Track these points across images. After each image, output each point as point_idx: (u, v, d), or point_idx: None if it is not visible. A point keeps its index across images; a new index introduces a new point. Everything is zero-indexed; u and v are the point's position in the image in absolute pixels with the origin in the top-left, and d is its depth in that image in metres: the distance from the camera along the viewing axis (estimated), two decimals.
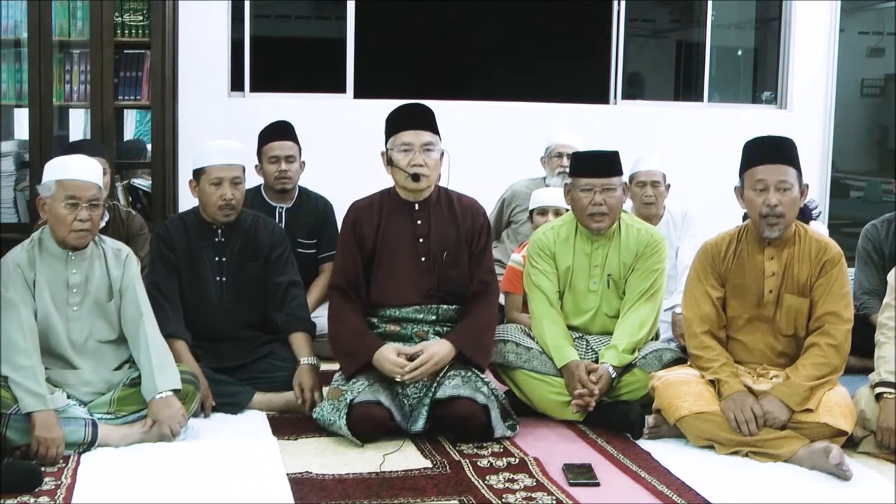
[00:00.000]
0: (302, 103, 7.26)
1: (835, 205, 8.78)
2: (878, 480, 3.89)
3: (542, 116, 7.57)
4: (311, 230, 5.69)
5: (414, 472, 3.88)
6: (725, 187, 4.47)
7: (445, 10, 8.24)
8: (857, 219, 7.82)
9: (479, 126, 7.55)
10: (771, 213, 4.20)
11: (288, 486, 3.68)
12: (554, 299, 4.65)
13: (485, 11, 8.28)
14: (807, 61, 8.34)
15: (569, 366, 4.44)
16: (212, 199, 4.67)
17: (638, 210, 5.75)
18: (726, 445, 4.09)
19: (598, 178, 4.58)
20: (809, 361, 4.18)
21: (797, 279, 4.28)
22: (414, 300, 4.41)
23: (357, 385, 4.22)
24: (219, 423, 4.40)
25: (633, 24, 8.37)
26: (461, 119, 7.32)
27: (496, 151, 7.42)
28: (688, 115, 8.22)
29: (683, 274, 4.88)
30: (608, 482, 3.83)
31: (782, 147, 4.29)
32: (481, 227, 4.51)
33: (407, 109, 4.44)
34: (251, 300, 4.77)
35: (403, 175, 4.35)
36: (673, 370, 4.39)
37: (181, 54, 6.85)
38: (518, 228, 6.30)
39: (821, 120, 8.38)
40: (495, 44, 8.39)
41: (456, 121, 6.92)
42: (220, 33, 7.27)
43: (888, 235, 5.62)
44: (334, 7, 7.71)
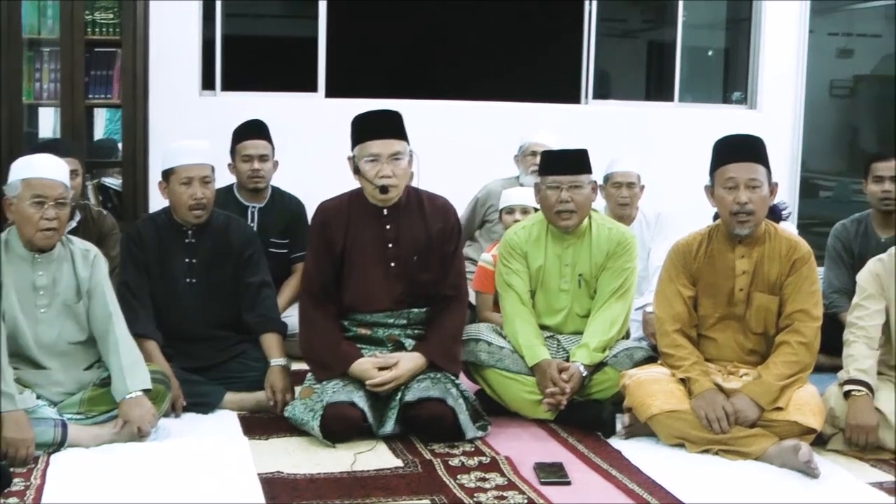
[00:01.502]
0: (273, 102, 7.24)
1: (804, 204, 8.83)
2: (846, 477, 3.92)
3: (514, 116, 7.58)
4: (284, 230, 5.68)
5: (385, 471, 3.88)
6: (696, 187, 4.49)
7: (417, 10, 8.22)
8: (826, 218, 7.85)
9: (452, 126, 7.55)
10: (741, 211, 4.22)
11: (259, 485, 3.67)
12: (526, 298, 4.66)
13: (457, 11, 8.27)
14: (776, 62, 8.39)
15: (540, 364, 4.45)
16: (182, 199, 4.65)
17: (613, 211, 5.76)
18: (697, 443, 4.11)
19: (565, 175, 4.59)
20: (781, 360, 4.20)
21: (767, 277, 4.31)
22: (384, 306, 4.41)
23: (331, 385, 4.21)
24: (190, 423, 4.38)
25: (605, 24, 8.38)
26: (433, 119, 7.33)
27: (469, 151, 7.42)
28: (659, 114, 8.25)
29: (655, 274, 4.90)
30: (579, 481, 3.84)
31: (752, 145, 4.32)
32: (452, 229, 4.50)
33: (373, 117, 4.37)
34: (222, 300, 4.76)
35: (371, 186, 4.32)
36: (644, 369, 4.41)
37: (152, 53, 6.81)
38: (492, 228, 6.30)
39: (790, 120, 8.42)
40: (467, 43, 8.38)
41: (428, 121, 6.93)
42: (191, 32, 7.25)
43: (857, 235, 5.66)
44: (306, 6, 7.69)
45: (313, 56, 7.60)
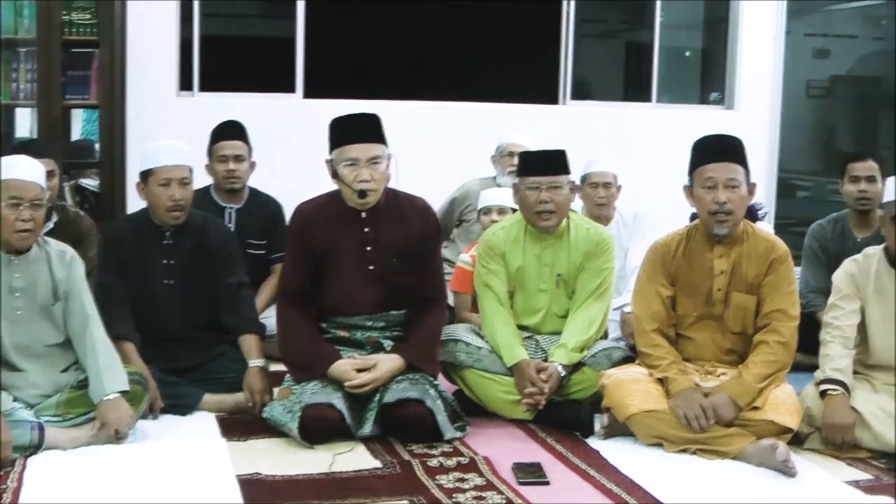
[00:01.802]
0: (251, 103, 7.23)
1: (781, 204, 8.86)
2: (822, 476, 3.94)
3: (492, 116, 7.58)
4: (262, 230, 5.67)
5: (364, 472, 3.88)
6: (673, 187, 4.50)
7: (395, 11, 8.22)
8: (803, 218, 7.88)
9: (430, 126, 7.55)
10: (720, 211, 4.24)
11: (237, 487, 3.66)
12: (504, 299, 4.67)
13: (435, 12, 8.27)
14: (754, 63, 8.43)
15: (519, 365, 4.46)
16: (160, 200, 4.64)
17: (590, 211, 5.77)
18: (675, 443, 4.13)
19: (544, 176, 4.60)
20: (760, 359, 4.22)
21: (745, 277, 4.33)
22: (363, 309, 4.40)
23: (309, 386, 4.21)
24: (168, 425, 4.37)
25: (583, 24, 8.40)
26: (412, 119, 7.32)
27: (447, 151, 7.42)
28: (636, 115, 8.26)
29: (633, 274, 4.91)
30: (558, 481, 3.85)
31: (731, 146, 4.35)
32: (430, 230, 4.51)
33: (351, 120, 4.35)
34: (201, 302, 4.74)
35: (349, 191, 4.31)
36: (622, 368, 4.42)
37: (130, 53, 6.80)
38: (469, 228, 6.30)
39: (767, 120, 8.46)
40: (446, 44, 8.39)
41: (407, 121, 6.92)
42: (168, 32, 7.22)
43: (834, 235, 5.69)
44: (284, 7, 7.67)
45: (291, 56, 7.59)
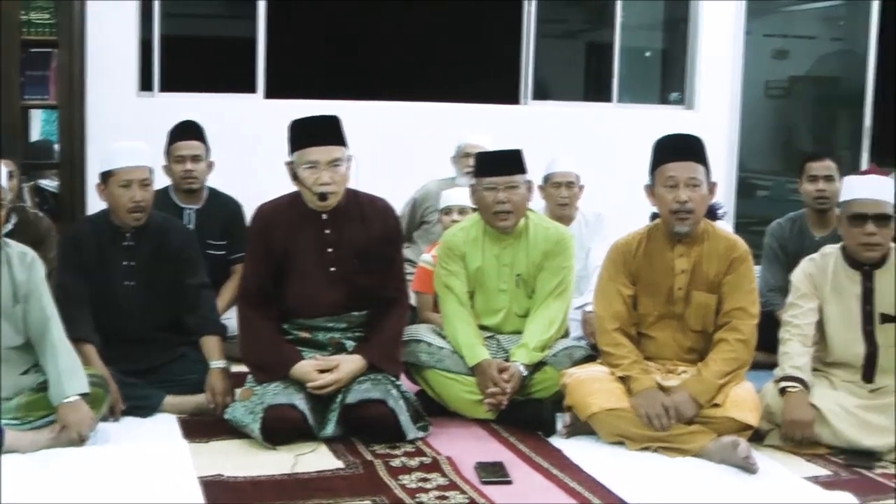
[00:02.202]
0: (212, 103, 7.20)
1: (741, 204, 8.92)
2: (782, 472, 3.98)
3: (453, 117, 7.59)
4: (222, 231, 5.64)
5: (327, 472, 3.88)
6: (634, 186, 4.53)
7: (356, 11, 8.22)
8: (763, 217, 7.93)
9: (391, 126, 7.56)
10: (681, 209, 4.27)
11: (200, 489, 3.65)
12: (465, 299, 4.68)
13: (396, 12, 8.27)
14: (713, 63, 8.48)
15: (480, 365, 4.47)
16: (121, 201, 4.61)
17: (552, 211, 5.79)
18: (637, 441, 4.15)
19: (500, 176, 4.61)
20: (719, 357, 4.26)
21: (706, 276, 4.36)
22: (325, 310, 4.40)
23: (272, 387, 4.20)
24: (129, 427, 4.34)
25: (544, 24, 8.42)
26: (373, 120, 7.32)
27: (407, 152, 7.43)
28: (597, 115, 8.30)
29: (595, 274, 4.93)
30: (521, 480, 3.86)
31: (691, 145, 4.38)
32: (392, 231, 4.51)
33: (311, 122, 4.34)
34: (161, 303, 4.72)
35: (310, 193, 4.31)
36: (584, 367, 4.44)
37: (89, 53, 6.76)
38: (430, 229, 6.31)
39: (727, 120, 8.52)
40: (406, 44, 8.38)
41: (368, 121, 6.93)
42: (128, 32, 7.18)
43: (793, 234, 5.74)
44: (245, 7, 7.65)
45: (252, 57, 7.57)
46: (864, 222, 4.28)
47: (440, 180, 6.45)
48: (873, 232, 4.27)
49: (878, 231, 4.27)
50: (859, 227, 4.29)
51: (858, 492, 3.78)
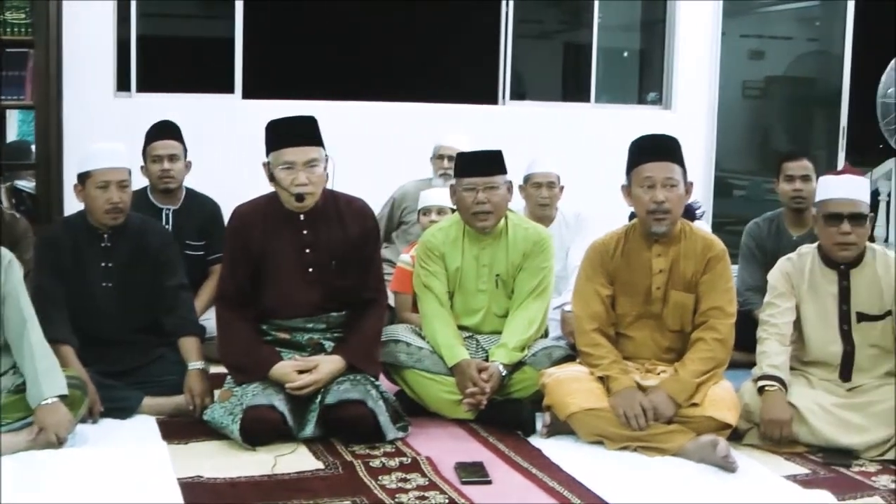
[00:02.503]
0: (190, 103, 7.18)
1: (718, 204, 8.95)
2: (761, 471, 4.00)
3: (432, 117, 7.59)
4: (200, 231, 5.63)
5: (306, 473, 3.87)
6: (612, 186, 4.54)
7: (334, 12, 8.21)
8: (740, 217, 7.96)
9: (369, 127, 7.55)
10: (658, 209, 4.29)
11: (179, 490, 3.63)
12: (444, 299, 4.68)
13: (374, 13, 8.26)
14: (690, 63, 8.51)
15: (460, 365, 4.47)
16: (98, 202, 4.59)
17: (533, 211, 5.79)
18: (616, 441, 4.16)
19: (480, 177, 4.62)
20: (696, 356, 4.27)
21: (683, 275, 4.38)
22: (303, 312, 4.40)
23: (251, 388, 4.20)
24: (107, 429, 4.32)
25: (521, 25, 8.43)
26: (351, 120, 7.32)
27: (386, 152, 7.42)
28: (575, 115, 8.31)
29: (574, 274, 4.94)
30: (500, 480, 3.86)
31: (668, 145, 4.40)
32: (370, 232, 4.51)
33: (288, 123, 4.33)
34: (139, 304, 4.70)
35: (287, 194, 4.30)
36: (563, 367, 4.44)
37: (66, 53, 6.72)
38: (408, 229, 6.31)
39: (704, 120, 8.55)
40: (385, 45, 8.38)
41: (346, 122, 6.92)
42: (105, 32, 7.15)
43: (770, 233, 5.76)
44: (222, 6, 7.63)
45: (230, 57, 7.55)
46: (839, 222, 4.30)
47: (418, 181, 6.45)
48: (848, 231, 4.29)
49: (853, 230, 4.29)
50: (835, 227, 4.31)
51: (836, 490, 3.80)
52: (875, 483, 3.90)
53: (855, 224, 4.29)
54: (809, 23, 10.89)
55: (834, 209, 4.32)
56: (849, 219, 4.29)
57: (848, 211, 4.29)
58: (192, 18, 8.65)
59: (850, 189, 4.34)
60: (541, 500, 3.69)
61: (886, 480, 3.93)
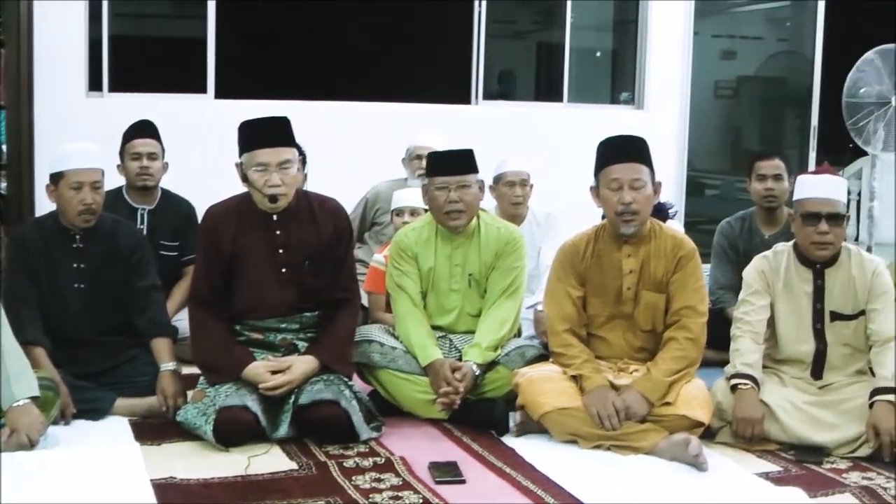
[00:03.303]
0: (162, 103, 7.16)
1: (691, 203, 9.00)
2: (734, 469, 4.02)
3: (405, 117, 7.60)
4: (174, 232, 5.61)
5: (280, 474, 3.87)
6: (585, 186, 4.55)
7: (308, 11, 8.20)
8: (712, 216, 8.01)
9: (342, 127, 7.55)
10: (626, 211, 4.30)
11: (152, 492, 3.62)
12: (417, 299, 4.68)
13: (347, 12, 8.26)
14: (663, 63, 8.55)
15: (433, 364, 4.47)
16: (71, 203, 4.57)
17: (505, 210, 5.80)
18: (589, 440, 4.17)
19: (452, 176, 4.62)
20: (669, 356, 4.29)
21: (654, 275, 4.39)
22: (276, 312, 4.39)
23: (224, 388, 4.19)
24: (80, 430, 4.30)
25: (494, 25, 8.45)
26: (324, 120, 7.32)
27: (359, 152, 7.43)
28: (548, 115, 8.34)
29: (546, 273, 4.95)
30: (474, 479, 3.87)
31: (635, 146, 4.41)
32: (343, 232, 4.50)
33: (261, 124, 4.33)
34: (112, 305, 4.68)
35: (260, 195, 4.30)
36: (536, 367, 4.45)
37: (37, 53, 6.70)
38: (382, 230, 6.30)
39: (676, 120, 8.59)
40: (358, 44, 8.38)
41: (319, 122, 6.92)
42: (77, 32, 7.13)
43: (742, 232, 5.78)
44: (195, 6, 7.62)
45: (203, 57, 7.53)
46: (817, 221, 4.31)
47: (391, 181, 6.44)
48: (826, 231, 4.31)
49: (831, 230, 4.31)
50: (812, 226, 4.32)
51: (808, 487, 3.83)
52: (846, 480, 3.93)
53: (833, 224, 4.31)
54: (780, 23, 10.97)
55: (812, 209, 4.33)
56: (827, 218, 4.30)
57: (826, 211, 4.31)
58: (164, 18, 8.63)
59: (828, 189, 4.36)
60: (514, 500, 3.70)
61: (857, 477, 3.95)
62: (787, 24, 10.91)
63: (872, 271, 4.37)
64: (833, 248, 4.35)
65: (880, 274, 4.38)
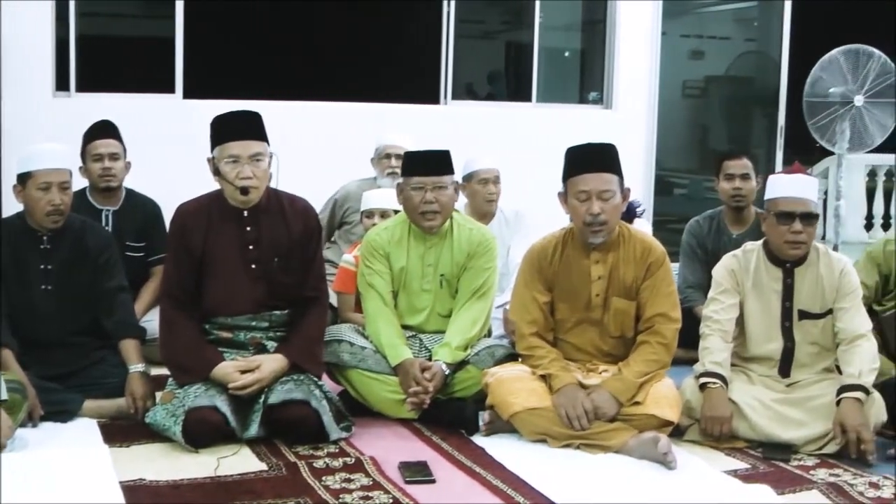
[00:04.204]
0: (130, 103, 7.13)
1: (659, 202, 9.04)
2: (702, 466, 4.04)
3: (374, 117, 7.60)
4: (140, 233, 5.58)
5: (250, 475, 3.86)
6: (554, 186, 4.56)
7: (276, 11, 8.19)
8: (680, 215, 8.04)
9: (311, 127, 7.54)
10: (594, 222, 4.30)
11: (121, 494, 3.61)
12: (388, 299, 4.68)
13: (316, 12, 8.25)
14: (631, 63, 8.58)
15: (403, 364, 4.47)
16: (39, 204, 4.54)
17: (477, 208, 5.81)
18: (558, 439, 4.18)
19: (428, 176, 4.62)
20: (641, 358, 4.31)
21: (623, 281, 4.40)
22: (246, 309, 4.38)
23: (192, 389, 4.17)
24: (48, 433, 4.27)
25: (463, 25, 8.46)
26: (293, 120, 7.30)
27: (328, 152, 7.41)
28: (517, 114, 8.35)
29: (515, 271, 4.96)
30: (444, 479, 3.87)
31: (603, 155, 4.39)
32: (313, 231, 4.50)
33: (233, 118, 4.35)
34: (80, 307, 4.66)
35: (232, 188, 4.30)
36: (506, 367, 4.46)
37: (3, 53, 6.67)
38: (351, 230, 6.28)
39: (645, 120, 8.62)
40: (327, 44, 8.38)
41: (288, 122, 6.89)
42: (44, 31, 7.09)
43: (710, 231, 5.81)
44: (163, 6, 7.59)
45: (170, 56, 7.51)
46: (791, 221, 4.33)
47: (360, 181, 6.42)
48: (800, 230, 4.33)
49: (805, 230, 4.34)
50: (786, 226, 4.34)
51: (776, 484, 3.85)
52: (813, 477, 3.96)
53: (806, 223, 4.34)
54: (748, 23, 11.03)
55: (786, 208, 4.35)
56: (801, 218, 4.33)
57: (800, 210, 4.33)
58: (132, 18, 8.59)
59: (801, 188, 4.39)
60: (485, 499, 3.70)
61: (825, 474, 3.98)
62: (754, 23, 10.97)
63: (840, 270, 4.41)
64: (806, 247, 4.38)
65: (847, 273, 4.41)
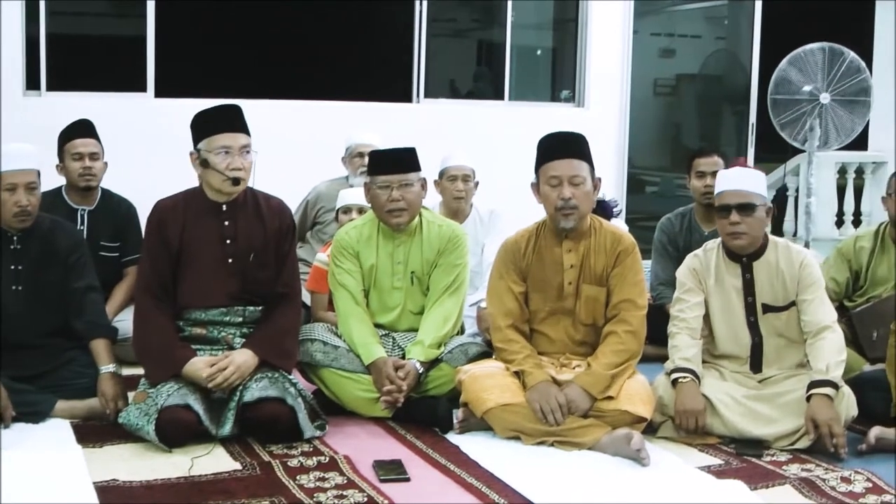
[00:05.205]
0: (101, 102, 7.10)
1: (631, 200, 9.08)
2: (676, 462, 4.06)
3: (346, 115, 7.60)
4: (114, 232, 5.56)
5: (224, 474, 3.85)
6: (526, 183, 4.58)
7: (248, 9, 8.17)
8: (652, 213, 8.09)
9: (283, 126, 7.53)
10: (566, 206, 4.34)
11: (95, 494, 3.60)
12: (359, 297, 4.68)
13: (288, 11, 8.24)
14: (603, 61, 8.61)
15: (376, 363, 4.47)
16: (6, 206, 4.51)
17: (448, 205, 5.82)
18: (532, 436, 4.19)
19: (394, 174, 4.62)
20: (609, 349, 4.33)
21: (594, 270, 4.43)
22: (220, 302, 4.37)
23: (165, 388, 4.16)
24: (20, 434, 4.25)
25: (435, 23, 8.46)
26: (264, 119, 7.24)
27: (300, 151, 7.41)
28: (489, 113, 8.36)
29: (489, 270, 4.97)
30: (419, 477, 3.88)
31: (573, 142, 4.46)
32: (287, 229, 4.51)
33: (222, 110, 4.37)
34: (51, 307, 4.63)
35: (221, 178, 4.29)
36: (479, 364, 4.47)
37: None
38: (323, 229, 6.28)
39: (617, 118, 8.65)
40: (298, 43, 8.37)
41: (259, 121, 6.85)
42: (13, 30, 7.05)
43: (682, 229, 5.85)
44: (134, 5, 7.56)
45: (142, 55, 7.48)
46: (728, 213, 4.38)
47: (331, 181, 6.42)
48: (737, 221, 4.37)
49: (742, 220, 4.37)
50: (725, 218, 4.40)
51: (749, 480, 3.88)
52: (786, 472, 3.98)
53: (743, 214, 4.37)
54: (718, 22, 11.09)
55: (723, 200, 4.42)
56: (737, 209, 4.37)
57: (735, 202, 4.38)
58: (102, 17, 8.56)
59: (738, 181, 4.44)
60: (459, 497, 3.71)
61: (797, 469, 4.01)
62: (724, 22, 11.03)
63: (800, 263, 4.44)
64: (747, 237, 4.40)
65: (808, 265, 4.44)
